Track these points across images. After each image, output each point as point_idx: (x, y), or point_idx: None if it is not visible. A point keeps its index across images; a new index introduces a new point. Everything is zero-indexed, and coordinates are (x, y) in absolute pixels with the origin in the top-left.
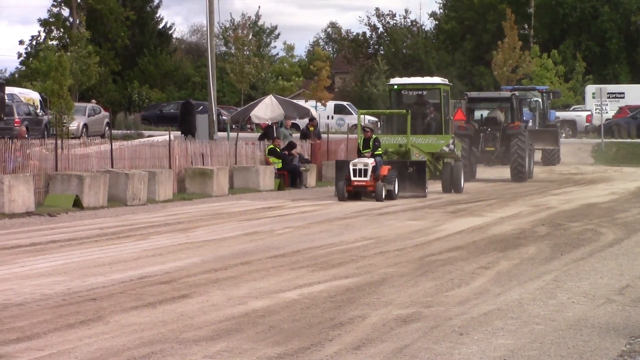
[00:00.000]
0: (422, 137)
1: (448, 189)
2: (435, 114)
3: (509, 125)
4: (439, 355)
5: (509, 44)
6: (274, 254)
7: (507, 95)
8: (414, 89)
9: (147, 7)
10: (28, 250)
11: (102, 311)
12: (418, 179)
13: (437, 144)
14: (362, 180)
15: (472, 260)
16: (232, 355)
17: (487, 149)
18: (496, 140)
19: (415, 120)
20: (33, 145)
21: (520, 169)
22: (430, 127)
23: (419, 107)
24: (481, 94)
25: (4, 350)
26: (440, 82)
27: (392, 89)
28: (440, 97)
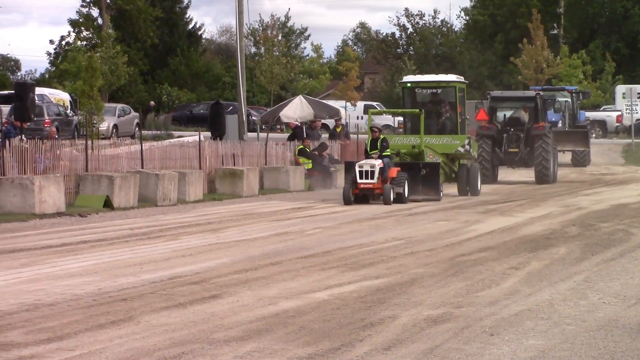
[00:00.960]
0: (437, 137)
1: (464, 192)
2: (450, 114)
3: (533, 126)
4: (470, 355)
5: (535, 45)
6: (304, 255)
7: (531, 94)
8: (428, 87)
9: (176, 8)
10: (59, 250)
11: (132, 311)
12: (431, 181)
13: (451, 145)
14: (368, 183)
15: (503, 261)
16: (263, 355)
17: (510, 150)
18: (520, 141)
19: (430, 120)
20: (63, 146)
21: (545, 171)
22: (445, 127)
23: (433, 106)
24: (504, 93)
25: (35, 350)
26: (455, 79)
27: (405, 87)
28: (456, 95)
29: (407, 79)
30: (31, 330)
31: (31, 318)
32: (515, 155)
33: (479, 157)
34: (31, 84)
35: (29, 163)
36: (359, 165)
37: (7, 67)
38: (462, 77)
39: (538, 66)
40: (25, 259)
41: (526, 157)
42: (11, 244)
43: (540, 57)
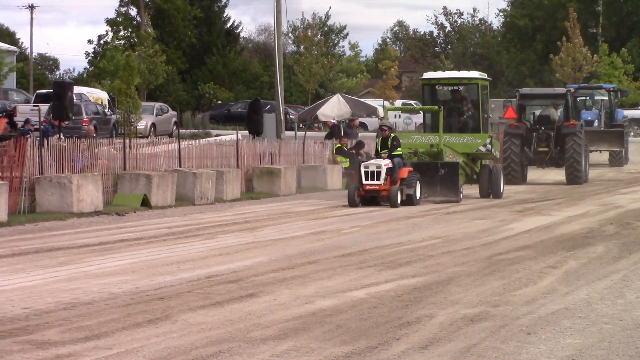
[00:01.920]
0: (457, 136)
1: (486, 194)
2: (473, 112)
3: (563, 124)
4: (507, 354)
5: (573, 43)
6: (342, 253)
7: (561, 91)
8: (449, 83)
9: (214, 7)
10: (96, 249)
11: (169, 310)
12: (450, 182)
13: (472, 144)
14: (374, 184)
15: (540, 260)
16: (300, 354)
17: (540, 149)
18: (550, 140)
19: (451, 118)
20: (101, 145)
21: (577, 172)
22: (467, 126)
23: (455, 104)
24: (533, 91)
25: (72, 349)
26: (478, 76)
27: (425, 84)
28: (479, 92)
29: (428, 75)
30: (68, 328)
31: (68, 317)
32: (545, 154)
33: (507, 157)
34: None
35: (67, 162)
36: (365, 165)
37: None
38: (485, 74)
39: (576, 64)
40: (63, 258)
41: (557, 156)
42: (49, 242)
43: (578, 54)
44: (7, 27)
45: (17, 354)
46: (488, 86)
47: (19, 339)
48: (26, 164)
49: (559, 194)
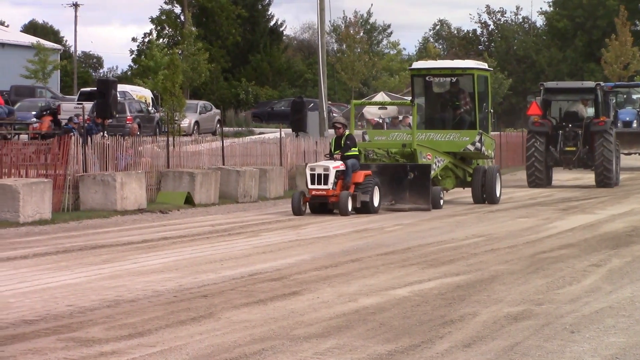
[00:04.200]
0: (441, 133)
1: (480, 199)
2: (470, 106)
3: (593, 121)
4: (550, 353)
5: (620, 41)
6: (384, 251)
7: (590, 84)
8: (441, 74)
9: (258, 5)
10: (140, 247)
11: (213, 308)
12: (421, 187)
13: (459, 142)
14: (322, 189)
15: (584, 258)
16: (343, 352)
17: (566, 149)
18: (578, 139)
19: (446, 113)
20: (145, 143)
21: (607, 173)
22: (463, 122)
23: (450, 97)
24: (560, 84)
25: (116, 346)
26: (474, 66)
27: (415, 75)
28: (474, 84)
29: (417, 65)
30: (112, 326)
31: (112, 314)
32: (572, 154)
33: (530, 156)
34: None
35: (111, 160)
36: (311, 167)
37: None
38: (485, 64)
39: (623, 62)
40: (106, 255)
41: (585, 157)
42: (93, 240)
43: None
44: (51, 25)
45: (61, 352)
46: (488, 77)
47: (63, 336)
48: (70, 162)
49: (602, 192)
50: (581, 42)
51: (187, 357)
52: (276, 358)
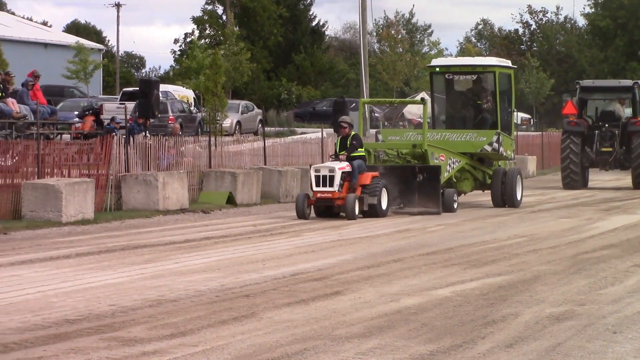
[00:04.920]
0: (458, 132)
1: (500, 202)
2: (492, 105)
3: (630, 121)
4: (593, 353)
5: None
6: (426, 252)
7: (628, 83)
8: (460, 72)
9: (300, 5)
10: (182, 246)
11: (255, 307)
12: (430, 189)
13: (476, 142)
14: (327, 191)
15: (626, 258)
16: (385, 352)
17: (603, 149)
18: (615, 139)
19: (466, 112)
20: (187, 143)
21: None
22: (484, 122)
23: (473, 96)
24: (596, 82)
25: (158, 346)
26: (495, 63)
27: (433, 72)
28: (496, 82)
29: (437, 62)
30: (154, 325)
31: (154, 314)
32: (609, 155)
33: (565, 158)
34: (155, 81)
35: (153, 160)
36: (315, 169)
37: (132, 64)
38: (508, 61)
39: None
40: (148, 255)
41: (622, 157)
42: (135, 240)
43: None
44: (93, 25)
45: (104, 351)
46: (511, 75)
47: (105, 335)
48: (112, 162)
49: None
50: (622, 42)
51: (229, 357)
52: (318, 358)
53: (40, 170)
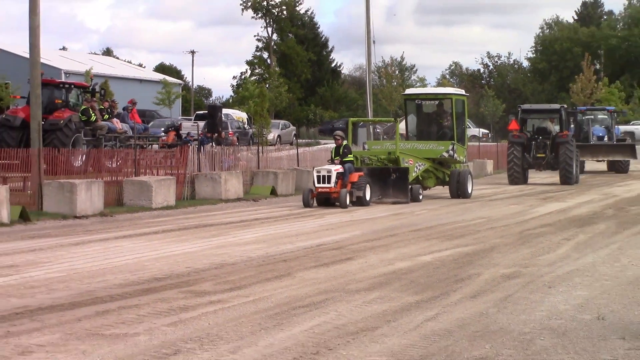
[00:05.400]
0: (424, 143)
1: (455, 195)
2: (450, 123)
3: (558, 134)
4: (534, 302)
5: (585, 77)
6: (414, 229)
7: (556, 107)
8: (426, 98)
9: (323, 52)
10: (238, 225)
11: (290, 269)
12: (401, 185)
13: (436, 150)
14: (325, 187)
15: (558, 234)
16: (384, 301)
17: (538, 155)
18: (546, 148)
19: (431, 129)
20: (242, 151)
21: (568, 173)
22: (445, 135)
23: (437, 116)
24: (533, 106)
25: (221, 297)
26: (452, 92)
27: (407, 99)
28: (452, 106)
29: (409, 91)
30: (218, 282)
31: (218, 274)
32: (542, 159)
33: (510, 161)
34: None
35: (217, 163)
36: (317, 170)
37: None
38: (462, 90)
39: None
40: (214, 231)
41: (552, 161)
42: (204, 220)
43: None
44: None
45: (182, 300)
46: (465, 101)
47: (183, 289)
48: (188, 165)
49: (571, 187)
50: (555, 78)
51: (272, 304)
52: (336, 305)
53: (136, 170)
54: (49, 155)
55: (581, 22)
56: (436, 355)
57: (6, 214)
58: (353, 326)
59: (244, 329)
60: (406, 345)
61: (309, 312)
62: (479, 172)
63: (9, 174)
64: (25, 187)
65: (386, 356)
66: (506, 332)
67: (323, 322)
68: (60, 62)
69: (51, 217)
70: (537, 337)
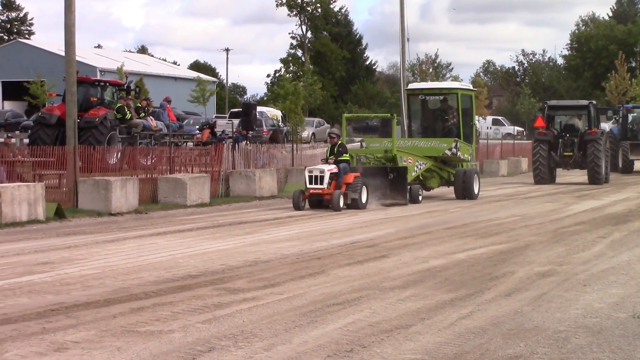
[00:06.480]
0: (425, 140)
1: (461, 196)
2: (456, 119)
3: (586, 132)
4: (568, 300)
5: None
6: (448, 226)
7: (584, 103)
8: (430, 93)
9: (357, 49)
10: (272, 223)
11: (324, 267)
12: (399, 185)
13: (439, 148)
14: (317, 188)
15: (593, 232)
16: (418, 299)
17: (565, 153)
18: (574, 146)
19: (435, 126)
20: (276, 148)
21: (597, 173)
22: (450, 132)
23: (441, 112)
24: (560, 102)
25: (255, 294)
26: (458, 86)
27: (410, 94)
28: (458, 101)
29: (412, 86)
30: (252, 279)
31: (252, 271)
32: (569, 158)
33: (535, 160)
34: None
35: (252, 160)
36: (309, 170)
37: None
38: (469, 85)
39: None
40: (248, 229)
41: (580, 160)
42: (239, 218)
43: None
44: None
45: (216, 297)
46: (472, 96)
47: (217, 286)
48: (223, 162)
49: (605, 185)
50: (589, 75)
51: (306, 302)
52: (370, 303)
53: (171, 168)
54: (85, 152)
55: (617, 19)
56: (470, 354)
57: (42, 211)
58: (387, 324)
59: (278, 326)
60: (440, 343)
61: (343, 309)
62: (513, 170)
63: (44, 172)
64: (61, 185)
65: (420, 354)
66: (541, 330)
67: (357, 320)
68: (95, 60)
69: (86, 215)
70: (572, 335)
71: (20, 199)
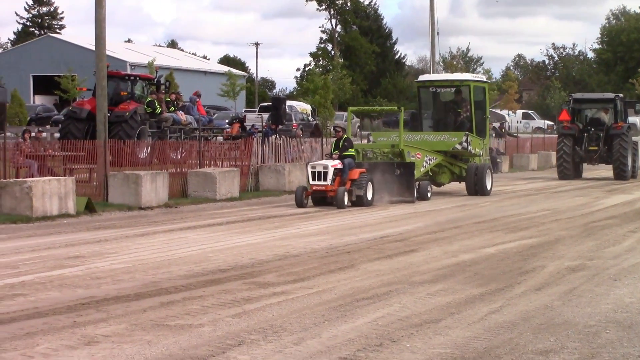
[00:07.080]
0: (435, 134)
1: (472, 191)
2: (470, 112)
3: (612, 126)
4: (598, 295)
5: None
6: (478, 221)
7: (610, 96)
8: (442, 85)
9: (387, 44)
10: (302, 217)
11: (354, 261)
12: (406, 181)
13: (448, 142)
14: (321, 185)
15: (624, 226)
16: (447, 293)
17: (590, 148)
18: (599, 140)
19: (447, 118)
20: (305, 142)
21: (623, 168)
22: (463, 126)
23: (453, 105)
24: (585, 95)
25: (284, 288)
26: (470, 78)
27: (420, 86)
28: (470, 94)
29: (423, 77)
30: (282, 273)
31: (282, 265)
32: (594, 153)
33: (560, 156)
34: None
35: (281, 154)
36: (312, 166)
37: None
38: (483, 76)
39: None
40: (278, 223)
41: (605, 154)
42: (268, 212)
43: None
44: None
45: (245, 292)
46: (485, 88)
47: (247, 280)
48: (252, 156)
49: (637, 179)
50: (621, 69)
51: (336, 296)
52: (399, 297)
53: (201, 162)
54: (115, 147)
55: None
56: (500, 348)
57: (72, 205)
58: (417, 318)
59: (308, 320)
60: (470, 337)
61: (372, 304)
62: (543, 164)
63: (75, 166)
64: (91, 179)
65: (450, 348)
66: (571, 325)
67: (387, 314)
68: (125, 55)
69: (116, 209)
70: (602, 330)
71: (51, 193)
